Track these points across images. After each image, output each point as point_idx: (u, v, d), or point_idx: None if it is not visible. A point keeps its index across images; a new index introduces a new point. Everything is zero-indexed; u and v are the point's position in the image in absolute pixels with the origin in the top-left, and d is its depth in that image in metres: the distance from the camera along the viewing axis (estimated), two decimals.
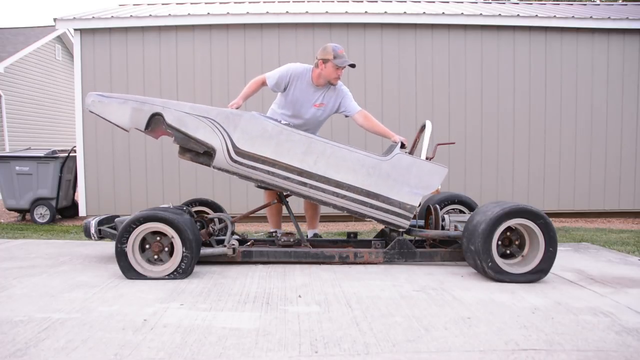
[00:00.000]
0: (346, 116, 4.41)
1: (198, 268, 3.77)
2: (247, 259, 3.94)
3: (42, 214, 6.67)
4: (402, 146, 4.08)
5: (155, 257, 3.57)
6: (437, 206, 4.15)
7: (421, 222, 4.42)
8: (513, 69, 6.94)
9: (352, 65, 4.23)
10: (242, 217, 4.53)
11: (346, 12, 6.84)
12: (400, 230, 3.95)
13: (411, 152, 4.81)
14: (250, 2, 8.48)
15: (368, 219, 3.97)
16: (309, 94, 4.25)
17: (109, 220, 4.25)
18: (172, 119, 3.80)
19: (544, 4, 10.26)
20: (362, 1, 8.61)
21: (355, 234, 4.52)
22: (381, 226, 4.70)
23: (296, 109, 4.31)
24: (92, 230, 3.99)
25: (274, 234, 4.64)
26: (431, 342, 2.36)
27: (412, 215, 3.87)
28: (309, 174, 3.83)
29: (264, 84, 4.26)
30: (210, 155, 3.89)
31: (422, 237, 4.07)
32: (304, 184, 3.85)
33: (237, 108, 4.01)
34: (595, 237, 5.44)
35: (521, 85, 6.94)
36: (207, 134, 3.80)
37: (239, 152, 3.81)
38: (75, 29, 6.81)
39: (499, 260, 3.46)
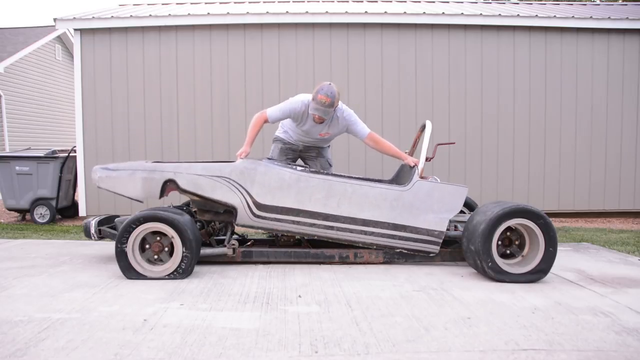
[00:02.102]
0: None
1: (198, 268, 3.77)
2: (247, 259, 3.94)
3: (42, 214, 6.67)
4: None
5: (155, 257, 3.57)
6: None
7: None
8: (513, 69, 6.94)
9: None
10: None
11: (346, 12, 6.83)
12: (431, 254, 3.93)
13: (411, 153, 4.81)
14: (250, 2, 8.48)
15: (398, 251, 3.94)
16: (311, 127, 4.23)
17: (109, 220, 4.25)
18: (185, 184, 3.78)
19: (544, 4, 10.26)
20: (362, 1, 8.61)
21: None
22: None
23: (304, 134, 4.35)
24: (92, 230, 3.99)
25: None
26: (431, 342, 2.36)
27: (441, 241, 3.83)
28: (334, 217, 3.81)
29: (265, 121, 4.18)
30: (230, 212, 3.89)
31: None
32: (331, 228, 3.83)
33: (246, 156, 3.97)
34: (595, 237, 5.43)
35: (521, 85, 6.94)
36: (225, 194, 3.78)
37: (260, 206, 3.79)
38: (75, 29, 6.80)
39: (499, 260, 3.46)
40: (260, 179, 3.79)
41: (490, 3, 9.31)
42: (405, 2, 8.77)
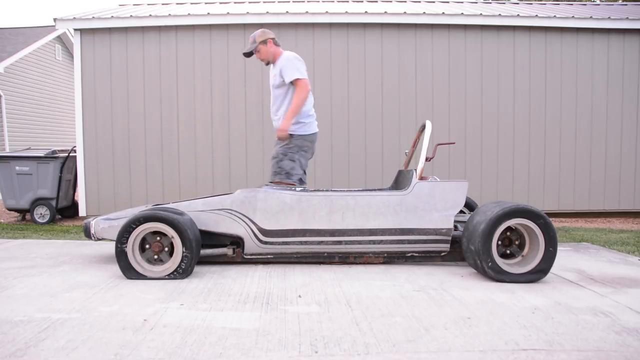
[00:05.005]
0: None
1: (198, 268, 3.77)
2: (247, 259, 3.94)
3: (42, 214, 6.67)
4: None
5: (155, 257, 3.57)
6: None
7: None
8: (513, 69, 6.94)
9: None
10: None
11: (346, 12, 6.84)
12: (442, 253, 3.95)
13: (411, 153, 4.81)
14: (250, 2, 8.49)
15: (409, 255, 3.95)
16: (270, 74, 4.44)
17: None
18: None
19: (544, 4, 10.26)
20: (362, 1, 8.61)
21: None
22: None
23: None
24: (92, 230, 3.99)
25: None
26: (431, 342, 2.36)
27: (449, 238, 3.85)
28: (340, 231, 3.83)
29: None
30: (237, 244, 3.93)
31: None
32: (339, 242, 3.85)
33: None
34: (595, 237, 5.43)
35: (521, 85, 6.94)
36: (229, 225, 3.81)
37: (266, 232, 3.81)
38: (75, 29, 6.80)
39: (499, 260, 3.46)
40: (262, 205, 3.82)
41: (490, 3, 9.31)
42: (405, 2, 8.77)
